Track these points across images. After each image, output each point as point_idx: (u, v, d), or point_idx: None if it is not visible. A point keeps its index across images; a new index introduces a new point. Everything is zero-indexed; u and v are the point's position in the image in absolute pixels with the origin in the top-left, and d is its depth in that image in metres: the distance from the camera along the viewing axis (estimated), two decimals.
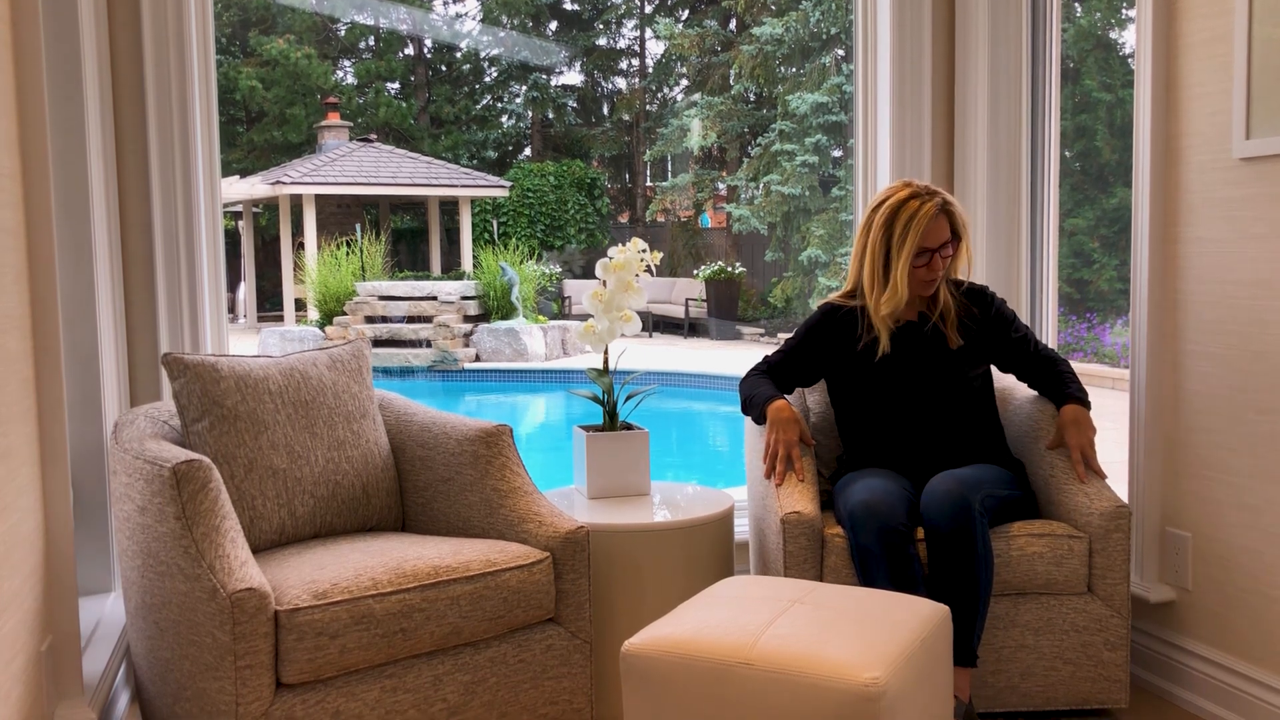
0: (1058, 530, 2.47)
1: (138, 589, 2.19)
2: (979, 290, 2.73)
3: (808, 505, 2.46)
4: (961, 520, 2.32)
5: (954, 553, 2.33)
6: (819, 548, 2.46)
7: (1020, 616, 2.47)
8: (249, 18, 21.34)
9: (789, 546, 2.43)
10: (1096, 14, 13.53)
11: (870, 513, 2.35)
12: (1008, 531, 2.46)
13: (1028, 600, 2.47)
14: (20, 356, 1.91)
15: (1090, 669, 2.47)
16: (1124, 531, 2.44)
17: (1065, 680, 2.48)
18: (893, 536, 2.33)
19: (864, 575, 2.37)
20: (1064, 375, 2.66)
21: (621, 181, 23.31)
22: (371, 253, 15.26)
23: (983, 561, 2.33)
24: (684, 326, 16.90)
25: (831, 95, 16.05)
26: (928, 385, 2.63)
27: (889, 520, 2.34)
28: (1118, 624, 2.46)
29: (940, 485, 2.39)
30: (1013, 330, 2.69)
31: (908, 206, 2.55)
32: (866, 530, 2.35)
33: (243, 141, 20.76)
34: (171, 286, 2.76)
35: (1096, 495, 2.49)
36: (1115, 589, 2.45)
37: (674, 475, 7.95)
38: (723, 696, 1.79)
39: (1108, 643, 2.46)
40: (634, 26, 23.02)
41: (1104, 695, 2.48)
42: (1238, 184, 2.42)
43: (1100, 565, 2.45)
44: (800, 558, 2.43)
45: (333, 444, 2.47)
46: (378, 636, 2.07)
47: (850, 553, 2.41)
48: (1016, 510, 2.53)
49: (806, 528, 2.43)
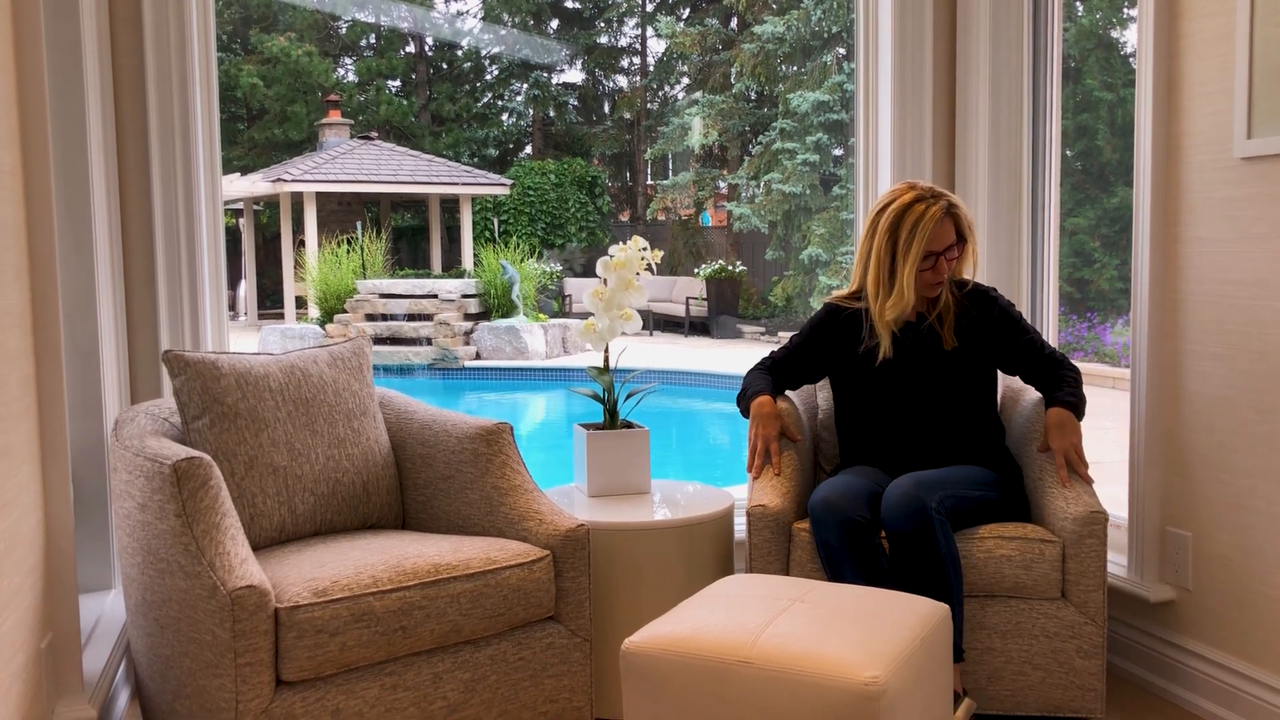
0: (1030, 534, 2.43)
1: (138, 586, 2.19)
2: (983, 292, 2.71)
3: (775, 499, 2.49)
4: (916, 522, 2.32)
5: (914, 553, 2.33)
6: (785, 541, 2.48)
7: (987, 619, 2.43)
8: (250, 15, 21.33)
9: (753, 539, 2.46)
10: (1098, 13, 13.52)
11: (829, 508, 2.37)
12: (975, 533, 2.43)
13: (995, 603, 2.44)
14: (21, 354, 1.91)
15: (1062, 676, 2.42)
16: (1098, 537, 2.38)
17: (1034, 686, 2.43)
18: (853, 529, 2.34)
19: (831, 571, 2.38)
20: (1063, 379, 2.62)
21: (622, 180, 23.30)
22: (372, 250, 15.26)
23: (948, 559, 2.32)
24: (684, 325, 16.89)
25: (833, 94, 16.04)
26: (921, 385, 2.63)
27: (849, 513, 2.35)
28: (1092, 631, 2.40)
29: (897, 488, 2.39)
30: (1020, 333, 2.66)
31: (913, 210, 2.53)
32: (827, 525, 2.36)
33: (244, 139, 20.75)
34: (172, 284, 2.76)
35: (1074, 500, 2.44)
36: (1090, 595, 2.40)
37: (674, 474, 7.95)
38: (722, 695, 1.79)
39: (1081, 650, 2.41)
40: (635, 25, 23.02)
41: (1077, 703, 2.42)
42: (1239, 183, 2.42)
43: (1074, 571, 2.40)
44: (764, 550, 2.47)
45: (333, 441, 2.47)
46: (378, 634, 2.07)
47: (815, 550, 2.43)
48: (995, 513, 2.51)
49: (770, 521, 2.46)
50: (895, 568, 2.36)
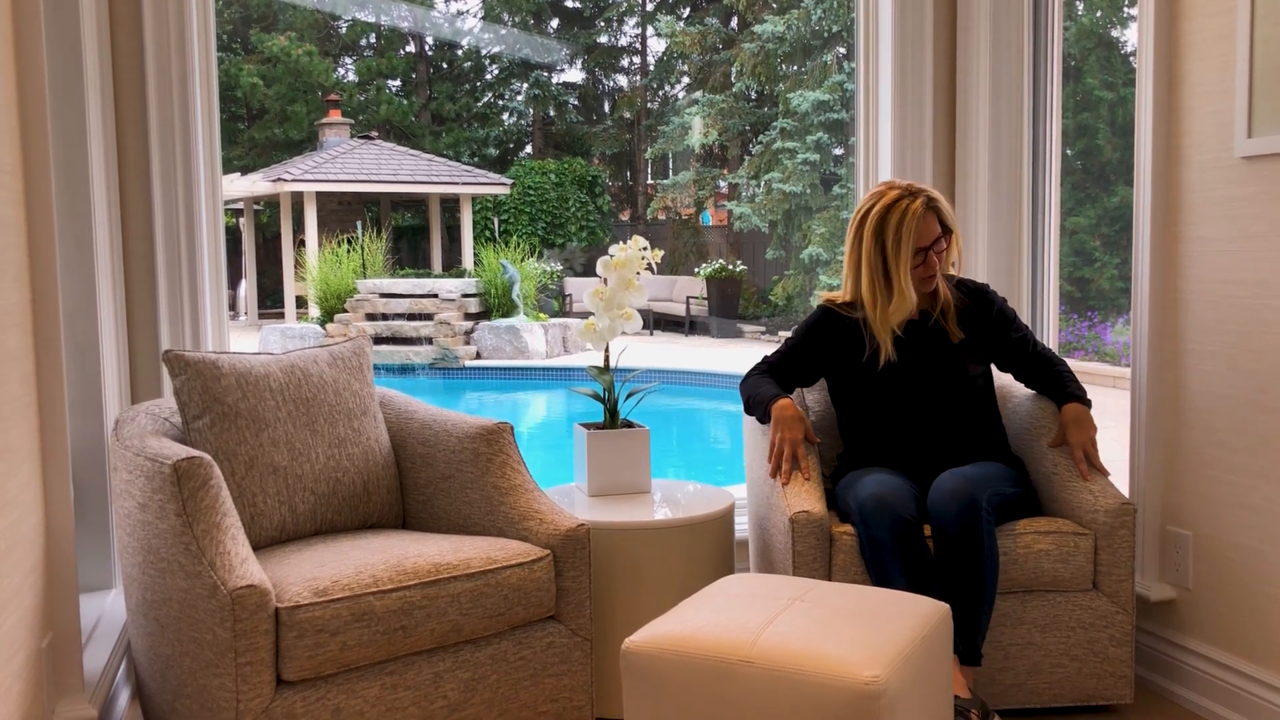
0: (1064, 527, 2.47)
1: (138, 586, 2.19)
2: (979, 288, 2.72)
3: (815, 504, 2.45)
4: (969, 519, 2.32)
5: (961, 552, 2.33)
6: (828, 546, 2.45)
7: (1028, 614, 2.47)
8: (250, 15, 21.33)
9: (798, 546, 2.41)
10: (1098, 12, 13.52)
11: (882, 505, 2.34)
12: (1014, 529, 2.46)
13: (1035, 597, 2.47)
14: (21, 353, 1.91)
15: (1096, 665, 2.48)
16: (1129, 528, 2.45)
17: (1071, 677, 2.49)
18: (905, 528, 2.33)
19: (876, 569, 2.35)
20: (1063, 375, 2.67)
21: (622, 179, 23.30)
22: (372, 250, 15.26)
23: (989, 561, 2.33)
24: (685, 324, 16.89)
25: (833, 93, 16.04)
26: (932, 382, 2.63)
27: (902, 512, 2.33)
28: (1123, 620, 2.47)
29: (948, 484, 2.39)
30: (1013, 330, 2.69)
31: (895, 209, 2.52)
32: (879, 523, 2.33)
33: (244, 139, 20.75)
34: (172, 283, 2.76)
35: (1101, 493, 2.49)
36: (1120, 585, 2.46)
37: (674, 473, 7.95)
38: (723, 694, 1.79)
39: (1113, 639, 2.47)
40: (635, 24, 23.01)
41: (1109, 691, 2.49)
42: (1239, 183, 2.42)
43: (1105, 562, 2.46)
44: (809, 556, 2.43)
45: (333, 441, 2.47)
46: (378, 634, 2.07)
47: (860, 548, 2.40)
48: (1020, 508, 2.53)
49: (815, 527, 2.42)
50: (939, 565, 2.36)
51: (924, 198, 2.54)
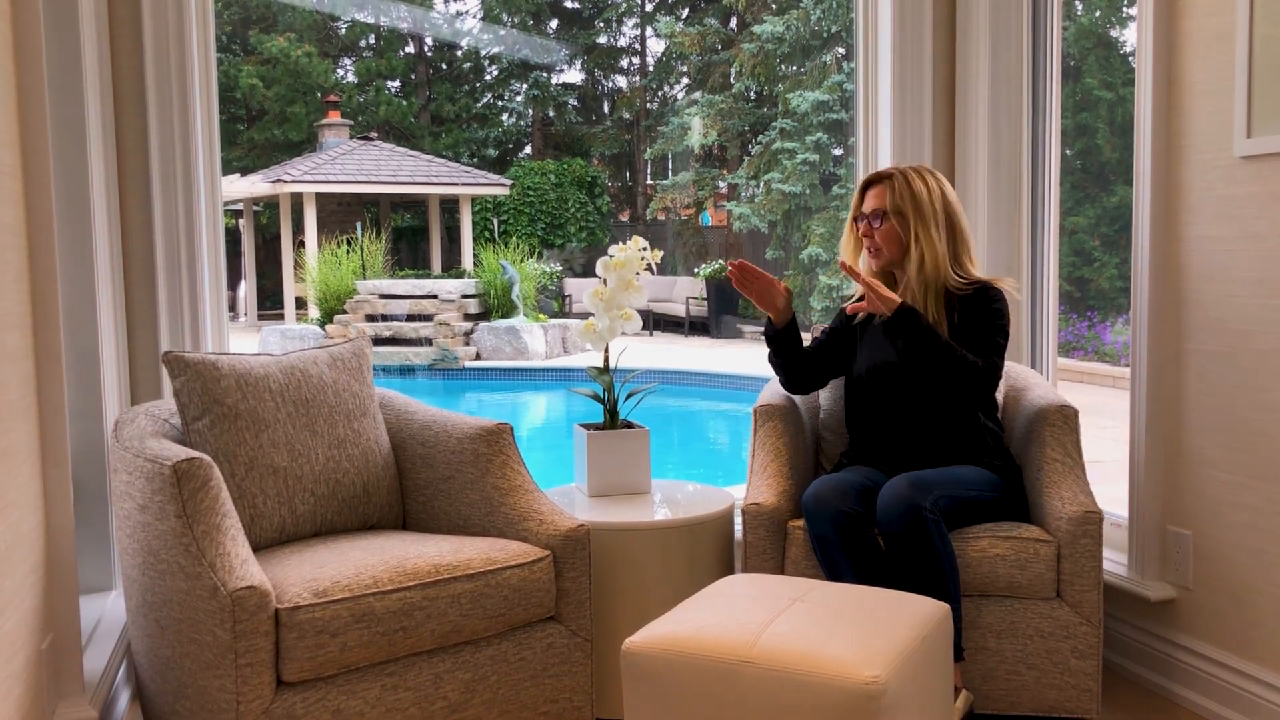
0: (1025, 534, 2.43)
1: (138, 587, 2.19)
2: (980, 286, 2.60)
3: (769, 497, 2.49)
4: (909, 522, 2.31)
5: (908, 553, 2.33)
6: (780, 539, 2.49)
7: (982, 619, 2.43)
8: (249, 16, 21.33)
9: (748, 537, 2.47)
10: (1097, 12, 13.52)
11: (820, 501, 2.39)
12: (967, 533, 2.43)
13: (991, 602, 2.43)
14: (21, 354, 1.91)
15: (1057, 676, 2.42)
16: (1093, 537, 2.38)
17: (1029, 686, 2.43)
18: (846, 521, 2.35)
19: (826, 565, 2.39)
20: (953, 344, 2.48)
21: (622, 180, 23.30)
22: (372, 251, 15.26)
23: (945, 559, 2.33)
24: (684, 325, 16.90)
25: (832, 93, 16.04)
26: (905, 383, 2.60)
27: (840, 505, 2.36)
28: (1087, 631, 2.40)
29: (891, 488, 2.39)
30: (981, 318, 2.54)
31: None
32: (820, 518, 2.38)
33: (243, 140, 20.75)
34: (172, 284, 2.76)
35: (1069, 500, 2.43)
36: (1085, 596, 2.39)
37: (674, 474, 7.95)
38: (723, 695, 1.79)
39: (1076, 650, 2.40)
40: (635, 25, 23.02)
41: (1072, 704, 2.42)
42: (1238, 182, 2.42)
43: (1068, 571, 2.40)
44: (759, 548, 2.47)
45: (333, 442, 2.47)
46: (378, 634, 2.07)
47: (811, 546, 2.43)
48: (992, 513, 2.51)
49: (766, 519, 2.47)
50: (891, 567, 2.36)
51: (879, 172, 2.66)
